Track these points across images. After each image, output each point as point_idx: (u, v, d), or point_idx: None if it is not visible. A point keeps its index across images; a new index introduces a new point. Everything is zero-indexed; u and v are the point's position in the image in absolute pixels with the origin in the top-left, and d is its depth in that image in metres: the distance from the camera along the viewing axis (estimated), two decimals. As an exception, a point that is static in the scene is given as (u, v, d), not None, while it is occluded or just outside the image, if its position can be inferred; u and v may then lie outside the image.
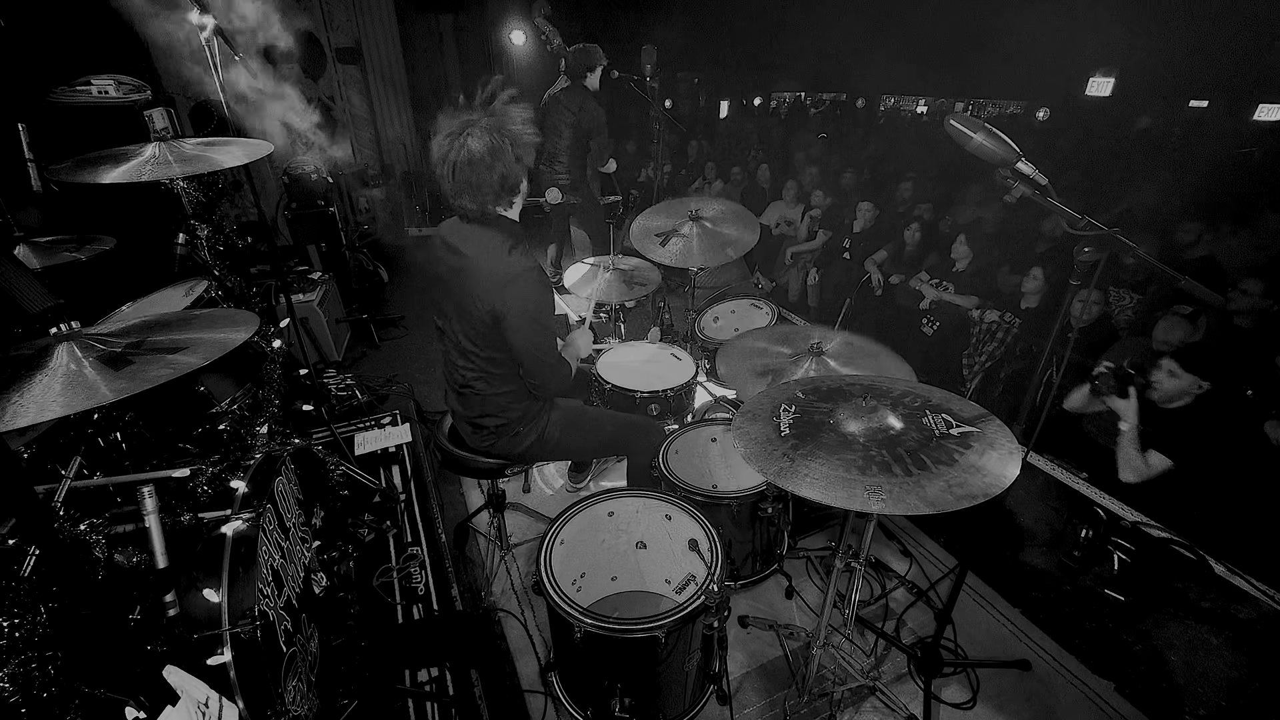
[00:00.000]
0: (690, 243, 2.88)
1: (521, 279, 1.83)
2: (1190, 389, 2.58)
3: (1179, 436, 2.57)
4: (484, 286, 1.85)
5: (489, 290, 1.84)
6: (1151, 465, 2.61)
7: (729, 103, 13.65)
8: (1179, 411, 2.63)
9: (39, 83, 3.45)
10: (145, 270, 2.82)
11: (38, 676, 1.12)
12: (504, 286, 1.83)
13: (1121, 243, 1.52)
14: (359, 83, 7.14)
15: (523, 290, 1.83)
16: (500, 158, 1.75)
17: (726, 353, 2.26)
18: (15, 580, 1.22)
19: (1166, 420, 2.62)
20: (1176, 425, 2.60)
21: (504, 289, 1.83)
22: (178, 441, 2.16)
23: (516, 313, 1.85)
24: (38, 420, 1.17)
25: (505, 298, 1.83)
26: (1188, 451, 2.55)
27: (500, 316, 1.86)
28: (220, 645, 1.40)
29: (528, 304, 1.85)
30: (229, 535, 1.55)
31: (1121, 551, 2.62)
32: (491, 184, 1.78)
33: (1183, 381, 2.57)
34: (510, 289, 1.83)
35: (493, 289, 1.84)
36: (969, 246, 4.33)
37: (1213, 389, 2.58)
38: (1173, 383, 2.58)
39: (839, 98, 15.06)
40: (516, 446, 2.21)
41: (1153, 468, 2.61)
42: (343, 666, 2.02)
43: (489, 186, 1.79)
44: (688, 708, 1.99)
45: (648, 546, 2.19)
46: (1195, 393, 2.59)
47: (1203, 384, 2.56)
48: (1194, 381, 2.57)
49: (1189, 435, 2.56)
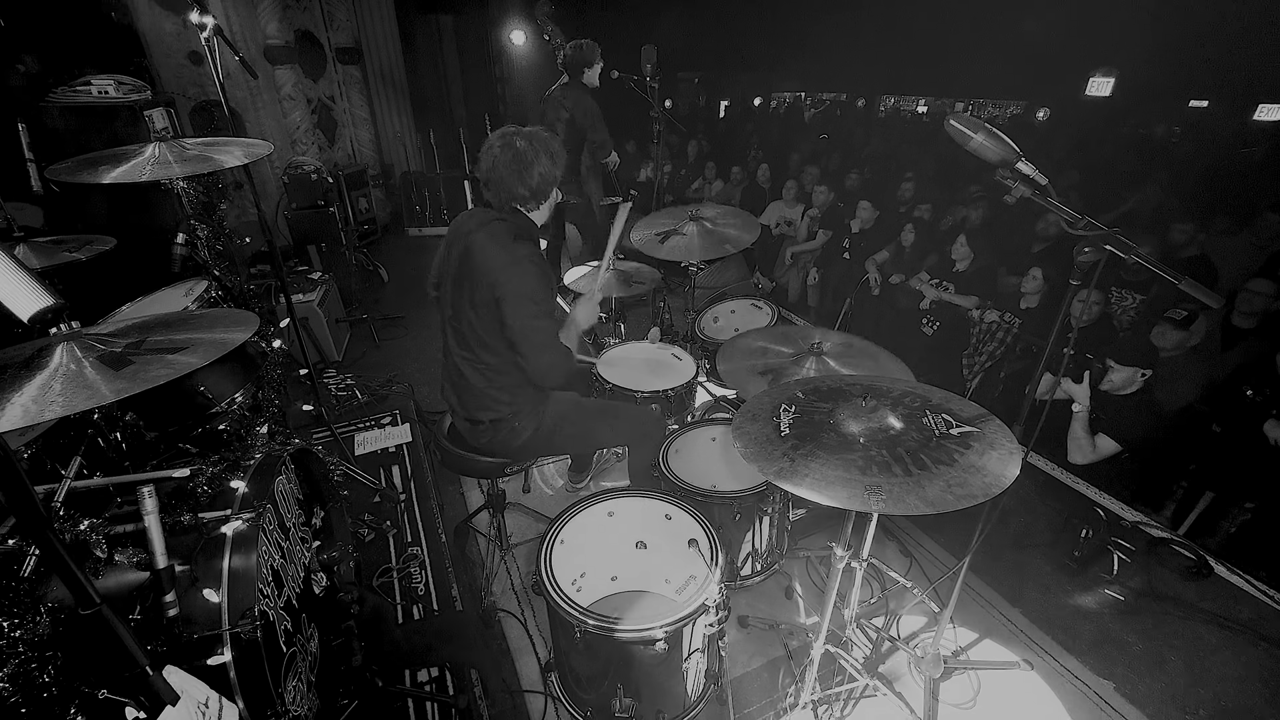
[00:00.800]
0: (690, 240, 2.89)
1: (524, 262, 1.92)
2: (1134, 378, 2.78)
3: (1127, 421, 2.80)
4: (488, 267, 1.93)
5: (492, 270, 1.92)
6: (1100, 449, 2.82)
7: (729, 103, 13.66)
8: (1129, 398, 2.83)
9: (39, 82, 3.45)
10: (145, 270, 2.82)
11: (38, 676, 1.12)
12: (506, 267, 1.91)
13: (1121, 243, 1.52)
14: (359, 83, 7.14)
15: (524, 271, 1.92)
16: (538, 164, 1.94)
17: (727, 352, 2.26)
18: (15, 580, 1.22)
19: (1117, 406, 2.84)
20: (1126, 411, 2.82)
21: (505, 269, 1.91)
22: (178, 441, 2.16)
23: (515, 292, 1.91)
24: (38, 420, 1.17)
25: (506, 278, 1.91)
26: (1135, 435, 2.78)
27: (500, 297, 1.92)
28: (220, 645, 1.40)
29: (525, 286, 1.92)
30: (229, 535, 1.55)
31: (1121, 551, 2.63)
32: (530, 182, 1.95)
33: (1124, 372, 2.78)
34: (512, 270, 1.91)
35: (496, 269, 1.92)
36: (969, 246, 4.33)
37: (1155, 375, 2.84)
38: (1118, 374, 2.79)
39: (839, 98, 15.06)
40: (514, 440, 2.21)
41: (1100, 451, 2.83)
42: (343, 666, 2.02)
43: (526, 185, 1.95)
44: (688, 708, 1.99)
45: (648, 546, 2.19)
46: (1140, 381, 2.80)
47: (1144, 372, 2.78)
48: (1135, 371, 2.77)
49: (1136, 420, 2.79)
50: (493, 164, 1.93)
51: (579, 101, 4.10)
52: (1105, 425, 2.82)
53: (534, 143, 1.93)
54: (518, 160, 1.91)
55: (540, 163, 1.94)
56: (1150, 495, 3.05)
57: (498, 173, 1.93)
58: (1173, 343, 3.05)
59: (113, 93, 3.53)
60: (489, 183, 1.96)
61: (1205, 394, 3.07)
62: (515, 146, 1.91)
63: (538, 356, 1.99)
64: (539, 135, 1.96)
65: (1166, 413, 2.96)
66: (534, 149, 1.93)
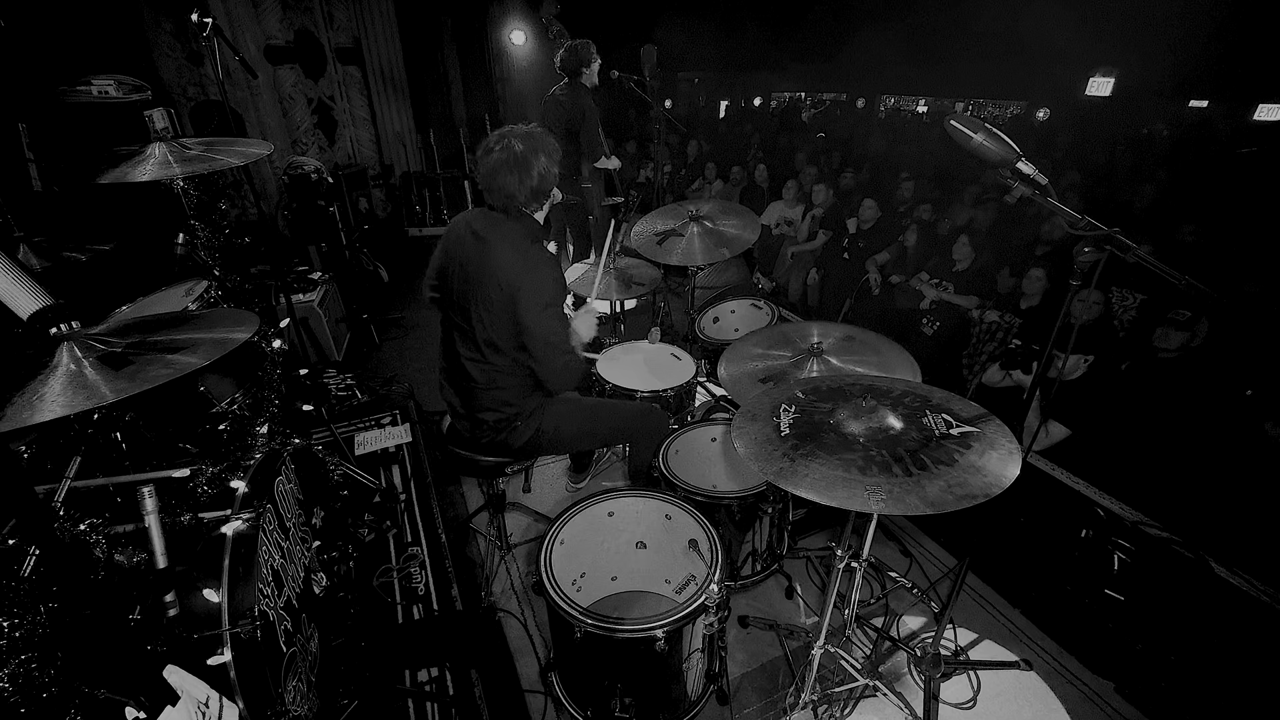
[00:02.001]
0: (690, 242, 2.89)
1: (544, 268, 1.94)
2: (1078, 365, 3.01)
3: (1076, 405, 3.00)
4: (505, 268, 1.93)
5: (510, 271, 1.92)
6: (1051, 434, 2.99)
7: (728, 103, 13.66)
8: (1075, 383, 3.03)
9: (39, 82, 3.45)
10: (145, 270, 2.82)
11: (38, 676, 1.12)
12: (526, 272, 1.92)
13: (1121, 243, 1.52)
14: (359, 83, 7.14)
15: (544, 276, 1.94)
16: (536, 163, 1.94)
17: (727, 360, 2.26)
18: (15, 580, 1.21)
19: (1067, 390, 3.07)
20: (1074, 395, 3.03)
21: (526, 274, 1.92)
22: (178, 441, 2.15)
23: (533, 296, 1.93)
24: (38, 420, 1.17)
25: (526, 282, 1.92)
26: (1084, 419, 2.97)
27: (517, 299, 1.93)
28: (220, 645, 1.40)
29: (544, 292, 1.94)
30: (229, 535, 1.55)
31: (1121, 551, 2.63)
32: (530, 183, 1.94)
33: (1071, 360, 2.99)
34: (532, 275, 1.92)
35: (515, 272, 1.92)
36: (971, 246, 4.33)
37: (1098, 360, 3.04)
38: (1068, 362, 3.01)
39: (839, 97, 15.07)
40: (516, 440, 2.21)
41: (1052, 436, 2.98)
42: (343, 666, 2.02)
43: (526, 186, 1.94)
44: (688, 708, 1.99)
45: (648, 546, 2.19)
46: (1084, 367, 3.02)
47: (1088, 358, 2.99)
48: (1079, 358, 3.00)
49: (1085, 404, 2.99)
50: (492, 167, 1.92)
51: (576, 102, 4.11)
52: (1055, 411, 2.99)
53: (531, 142, 1.93)
54: (517, 162, 1.91)
55: (539, 162, 1.94)
56: (1108, 478, 3.13)
57: (499, 175, 1.92)
58: (1175, 344, 3.05)
59: (113, 93, 3.52)
60: (490, 186, 1.96)
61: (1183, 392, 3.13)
62: (513, 149, 1.91)
63: (552, 360, 2.00)
64: (535, 134, 1.95)
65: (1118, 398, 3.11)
66: (532, 149, 1.92)
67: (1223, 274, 3.79)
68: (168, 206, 2.66)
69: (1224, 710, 2.14)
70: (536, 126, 1.99)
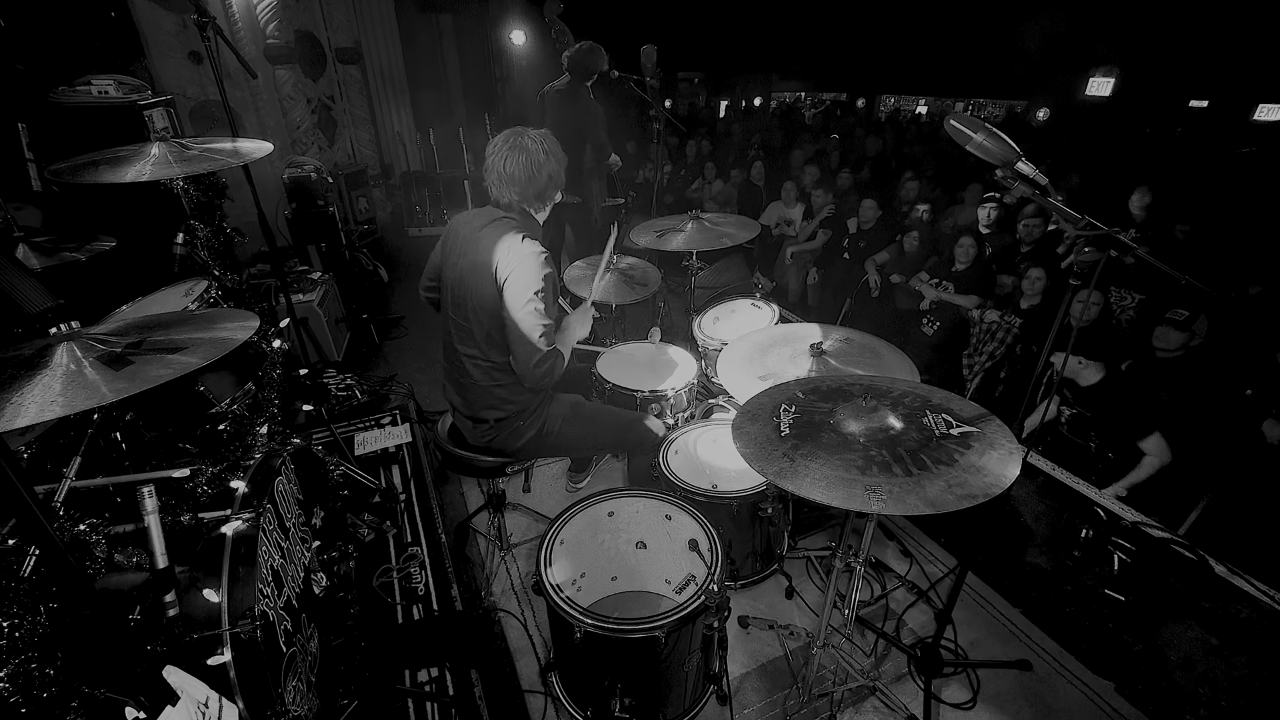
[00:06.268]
0: (689, 235, 2.90)
1: (532, 260, 1.93)
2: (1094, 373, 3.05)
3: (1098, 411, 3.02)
4: (496, 262, 1.94)
5: (499, 264, 1.93)
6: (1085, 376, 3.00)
7: (729, 103, 13.66)
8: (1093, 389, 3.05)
9: (39, 82, 3.45)
10: (145, 270, 2.82)
11: (38, 676, 1.11)
12: (514, 263, 1.92)
13: (1120, 243, 1.52)
14: (359, 83, 7.13)
15: (531, 267, 1.92)
16: (547, 166, 1.98)
17: (729, 354, 2.26)
18: (15, 580, 1.21)
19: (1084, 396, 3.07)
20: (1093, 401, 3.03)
21: (513, 265, 1.92)
22: (178, 441, 2.15)
23: (517, 284, 1.92)
24: (38, 420, 1.16)
25: (511, 270, 1.92)
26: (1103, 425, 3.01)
27: (504, 289, 1.93)
28: (220, 645, 1.40)
29: (529, 280, 1.92)
30: (229, 535, 1.55)
31: (1121, 551, 2.63)
32: (538, 184, 1.98)
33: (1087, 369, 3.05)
34: (520, 267, 1.92)
35: (502, 262, 1.93)
36: (972, 246, 4.32)
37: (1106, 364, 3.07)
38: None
39: (839, 97, 15.07)
40: (516, 441, 2.21)
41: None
42: (343, 666, 2.02)
43: (534, 187, 1.98)
44: (688, 708, 1.98)
45: (648, 546, 2.19)
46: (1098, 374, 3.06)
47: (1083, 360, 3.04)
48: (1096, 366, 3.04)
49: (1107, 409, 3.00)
50: (503, 167, 1.94)
51: (582, 103, 4.08)
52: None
53: (543, 144, 1.96)
54: (529, 163, 1.94)
55: (549, 164, 1.98)
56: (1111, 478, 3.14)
57: (509, 175, 1.95)
58: (1175, 344, 3.05)
59: (113, 93, 3.52)
60: (499, 185, 1.98)
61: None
62: (526, 149, 1.93)
63: (524, 350, 1.97)
64: (546, 137, 1.99)
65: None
66: (543, 151, 1.96)
67: (1222, 274, 3.80)
68: (168, 206, 2.66)
69: (1224, 711, 2.14)
70: (546, 131, 2.02)
